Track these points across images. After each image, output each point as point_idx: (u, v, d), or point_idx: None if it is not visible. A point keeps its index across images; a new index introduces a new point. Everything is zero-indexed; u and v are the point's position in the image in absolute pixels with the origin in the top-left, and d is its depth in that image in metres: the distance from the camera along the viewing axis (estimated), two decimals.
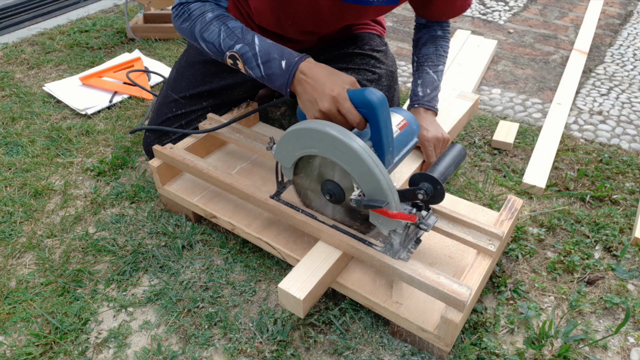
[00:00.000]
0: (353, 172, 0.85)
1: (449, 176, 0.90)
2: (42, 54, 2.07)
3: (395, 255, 0.90)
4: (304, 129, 0.88)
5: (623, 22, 2.30)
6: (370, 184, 0.84)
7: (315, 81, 0.93)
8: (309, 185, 0.99)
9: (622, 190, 1.31)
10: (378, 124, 0.88)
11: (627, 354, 0.94)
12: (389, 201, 0.84)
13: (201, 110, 1.32)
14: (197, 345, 0.96)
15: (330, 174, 0.92)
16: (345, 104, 0.89)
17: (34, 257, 1.15)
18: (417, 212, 0.89)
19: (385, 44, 1.39)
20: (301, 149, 0.91)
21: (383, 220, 0.88)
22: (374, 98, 0.86)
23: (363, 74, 1.27)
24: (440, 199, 0.86)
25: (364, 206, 0.86)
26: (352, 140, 0.83)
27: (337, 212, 0.98)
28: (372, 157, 0.83)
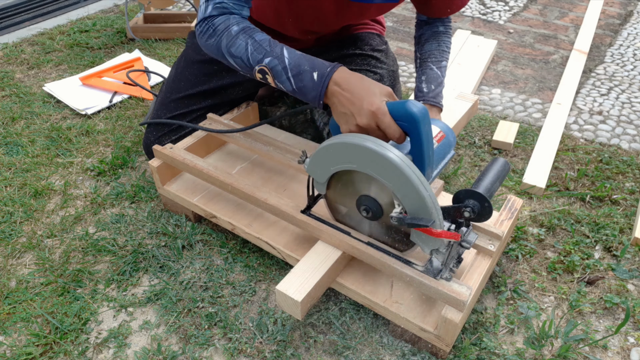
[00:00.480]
0: (395, 188, 0.82)
1: (494, 192, 0.86)
2: (42, 54, 2.07)
3: (437, 275, 0.86)
4: (342, 143, 0.84)
5: (623, 22, 2.30)
6: (413, 201, 0.81)
7: (351, 94, 0.89)
8: (342, 201, 0.95)
9: (622, 190, 1.31)
10: (420, 138, 0.83)
11: (627, 354, 0.94)
12: (434, 220, 0.80)
13: (200, 110, 1.32)
14: (197, 345, 0.96)
15: (366, 188, 0.89)
16: (385, 119, 0.85)
17: (34, 257, 1.15)
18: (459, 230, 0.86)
19: (386, 43, 1.39)
20: (338, 164, 0.87)
21: (426, 239, 0.84)
22: (416, 111, 0.82)
23: (364, 75, 1.27)
24: (488, 217, 0.83)
25: (407, 225, 0.82)
26: (395, 155, 0.80)
27: (374, 228, 0.94)
28: (416, 173, 0.80)
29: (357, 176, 0.88)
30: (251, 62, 0.97)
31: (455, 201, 0.85)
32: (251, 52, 0.97)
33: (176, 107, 1.30)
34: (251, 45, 0.97)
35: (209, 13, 1.00)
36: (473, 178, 1.36)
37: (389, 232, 0.92)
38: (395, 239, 0.92)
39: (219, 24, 0.99)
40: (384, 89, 0.89)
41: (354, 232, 0.96)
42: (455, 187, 1.33)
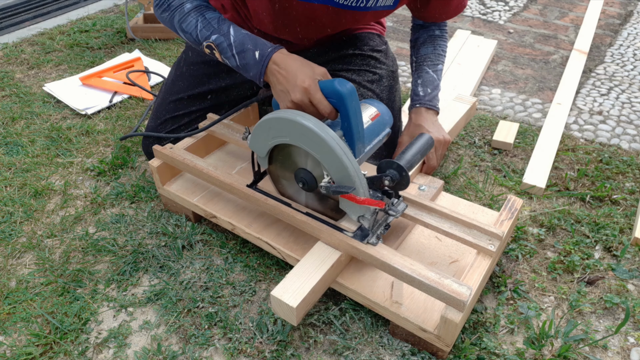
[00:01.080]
0: (322, 159, 0.89)
1: (415, 164, 0.94)
2: (42, 54, 2.07)
3: (364, 239, 0.92)
4: (276, 118, 0.92)
5: (623, 22, 2.30)
6: (338, 171, 0.88)
7: (287, 72, 0.96)
8: (283, 174, 1.02)
9: (622, 190, 1.31)
10: (348, 114, 0.90)
11: (627, 354, 0.94)
12: (356, 187, 0.87)
13: (200, 111, 1.32)
14: (197, 345, 0.96)
15: (303, 162, 0.95)
16: (316, 95, 0.92)
17: (34, 257, 1.15)
18: (386, 199, 0.94)
19: (385, 43, 1.39)
20: (274, 138, 0.94)
21: (352, 206, 0.92)
22: (344, 89, 0.89)
23: (364, 75, 1.27)
24: (405, 186, 0.91)
25: (332, 192, 0.89)
26: (321, 129, 0.87)
27: (310, 199, 1.01)
28: (341, 145, 0.87)
29: (294, 150, 0.95)
30: (199, 38, 1.04)
31: (378, 171, 0.93)
32: (200, 29, 1.04)
33: (175, 107, 1.30)
34: (201, 22, 1.04)
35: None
36: (473, 178, 1.36)
37: (323, 202, 1.00)
38: (329, 208, 0.99)
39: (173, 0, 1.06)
40: (317, 68, 0.96)
41: (295, 204, 1.03)
42: (455, 187, 1.33)
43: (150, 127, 1.32)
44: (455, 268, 1.01)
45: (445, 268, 1.01)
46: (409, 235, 1.09)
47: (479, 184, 1.34)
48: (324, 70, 0.97)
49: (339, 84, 0.90)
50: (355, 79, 1.27)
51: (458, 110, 1.41)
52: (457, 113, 1.39)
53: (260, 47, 1.00)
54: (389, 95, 1.28)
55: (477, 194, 1.30)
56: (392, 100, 1.29)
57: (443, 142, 1.21)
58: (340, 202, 0.93)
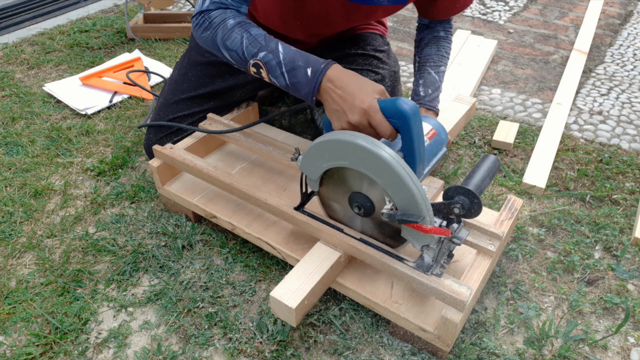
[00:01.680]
0: (385, 185, 0.83)
1: (484, 188, 0.87)
2: (42, 54, 2.07)
3: (427, 271, 0.86)
4: (334, 140, 0.85)
5: (623, 22, 2.30)
6: (403, 197, 0.82)
7: (344, 91, 0.90)
8: (335, 197, 0.96)
9: (622, 190, 1.31)
10: (411, 135, 0.85)
11: (627, 354, 0.94)
12: (424, 216, 0.81)
13: (202, 112, 1.32)
14: (197, 345, 0.96)
15: (358, 185, 0.89)
16: (376, 117, 0.86)
17: (34, 257, 1.15)
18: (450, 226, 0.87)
19: (388, 44, 1.39)
20: (330, 161, 0.88)
21: (416, 235, 0.85)
22: (407, 108, 0.83)
23: (366, 75, 1.27)
24: (477, 213, 0.83)
25: (397, 221, 0.83)
26: (385, 152, 0.81)
27: (366, 225, 0.95)
28: (406, 170, 0.80)
29: (349, 173, 0.89)
30: (246, 55, 0.98)
31: (445, 198, 0.86)
32: (246, 46, 0.97)
33: (178, 108, 1.30)
34: (247, 39, 0.97)
35: (206, 7, 1.01)
36: None
37: (380, 229, 0.93)
38: (387, 235, 0.93)
39: (215, 17, 1.00)
40: (376, 86, 0.90)
41: (347, 229, 0.97)
42: None
43: (151, 132, 1.32)
44: (455, 268, 1.01)
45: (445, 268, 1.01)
46: None
47: None
48: (382, 88, 0.91)
49: (402, 103, 0.83)
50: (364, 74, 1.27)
51: (458, 111, 1.40)
52: (456, 113, 1.39)
53: (312, 63, 0.94)
54: (391, 95, 1.28)
55: None
56: None
57: None
58: (403, 230, 0.86)
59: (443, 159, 0.95)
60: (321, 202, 1.00)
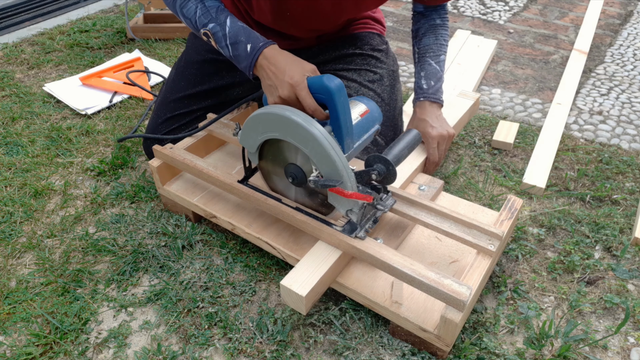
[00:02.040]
0: (311, 154, 0.90)
1: (402, 159, 0.96)
2: (42, 54, 2.07)
3: (351, 234, 0.93)
4: (266, 113, 0.93)
5: (623, 22, 2.30)
6: (326, 165, 0.89)
7: (276, 68, 0.98)
8: (273, 170, 1.03)
9: (622, 190, 1.31)
10: (336, 109, 0.91)
11: (627, 354, 0.94)
12: (343, 181, 0.89)
13: (200, 110, 1.32)
14: (197, 345, 0.96)
15: (293, 157, 0.97)
16: (302, 92, 0.94)
17: (34, 257, 1.15)
18: (374, 194, 0.95)
19: (386, 43, 1.39)
20: (263, 133, 0.96)
21: (340, 200, 0.93)
22: (332, 85, 0.90)
23: (364, 75, 1.27)
24: (392, 180, 0.93)
25: (320, 186, 0.91)
26: (309, 123, 0.88)
27: (300, 194, 1.03)
28: (328, 139, 0.88)
29: (284, 146, 0.96)
30: (198, 25, 1.07)
31: (366, 166, 0.95)
32: (199, 16, 1.07)
33: (176, 107, 1.30)
34: (200, 9, 1.07)
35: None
36: (473, 178, 1.36)
37: (313, 197, 1.01)
38: (319, 204, 1.01)
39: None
40: (307, 65, 0.98)
41: (285, 199, 1.04)
42: (455, 187, 1.33)
43: (150, 126, 1.32)
44: (455, 268, 1.01)
45: (445, 268, 1.01)
46: (409, 235, 1.09)
47: (479, 184, 1.34)
48: (313, 67, 0.99)
49: (327, 80, 0.91)
50: (357, 78, 1.27)
51: (462, 106, 1.41)
52: (460, 109, 1.39)
53: (252, 40, 1.03)
54: (390, 94, 1.27)
55: (477, 194, 1.30)
56: (394, 100, 1.29)
57: (447, 137, 1.20)
58: (329, 197, 0.94)
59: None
60: (262, 175, 1.07)
